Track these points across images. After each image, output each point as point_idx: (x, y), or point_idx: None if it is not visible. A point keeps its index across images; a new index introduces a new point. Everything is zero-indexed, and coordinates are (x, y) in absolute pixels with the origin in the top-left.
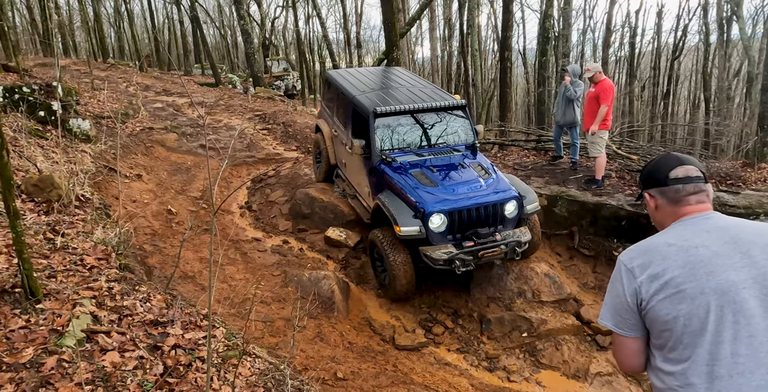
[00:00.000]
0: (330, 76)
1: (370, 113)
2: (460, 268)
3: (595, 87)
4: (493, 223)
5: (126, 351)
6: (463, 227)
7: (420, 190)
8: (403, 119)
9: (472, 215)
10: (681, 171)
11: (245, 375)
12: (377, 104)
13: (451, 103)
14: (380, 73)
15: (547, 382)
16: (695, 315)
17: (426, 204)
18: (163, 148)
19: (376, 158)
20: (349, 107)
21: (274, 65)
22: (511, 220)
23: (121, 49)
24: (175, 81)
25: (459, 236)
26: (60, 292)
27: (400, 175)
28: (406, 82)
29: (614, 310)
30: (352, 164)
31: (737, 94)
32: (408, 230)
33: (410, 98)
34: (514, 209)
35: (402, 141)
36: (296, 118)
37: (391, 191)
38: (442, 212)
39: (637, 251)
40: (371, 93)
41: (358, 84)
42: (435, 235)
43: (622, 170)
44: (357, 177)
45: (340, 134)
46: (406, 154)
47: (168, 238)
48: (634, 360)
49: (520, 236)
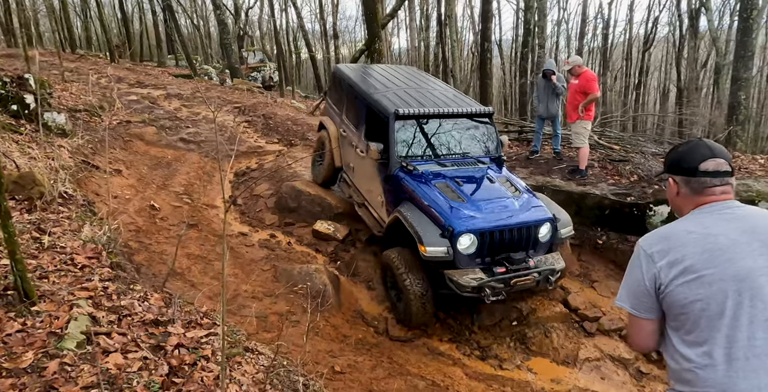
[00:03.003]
0: (340, 72)
1: (391, 114)
2: (490, 297)
3: (579, 79)
4: (525, 247)
5: (129, 352)
6: (493, 251)
7: (447, 205)
8: (425, 124)
9: (504, 237)
10: (712, 165)
11: (251, 373)
12: (398, 104)
13: (478, 110)
14: (394, 72)
15: (538, 369)
16: (713, 300)
17: (455, 222)
18: (142, 142)
19: (395, 164)
20: (363, 106)
21: (250, 56)
22: (543, 244)
23: (88, 39)
24: (149, 72)
25: (488, 260)
26: (54, 293)
27: (424, 186)
28: (424, 84)
29: (632, 293)
30: (362, 169)
31: (704, 84)
32: (434, 250)
33: (432, 102)
34: (548, 233)
35: (423, 148)
36: (276, 110)
37: (413, 204)
38: (472, 232)
39: (656, 237)
40: (389, 92)
41: (373, 82)
42: (462, 257)
43: (604, 160)
44: (368, 184)
45: (350, 134)
46: (426, 162)
47: (153, 234)
48: (648, 341)
49: (554, 264)
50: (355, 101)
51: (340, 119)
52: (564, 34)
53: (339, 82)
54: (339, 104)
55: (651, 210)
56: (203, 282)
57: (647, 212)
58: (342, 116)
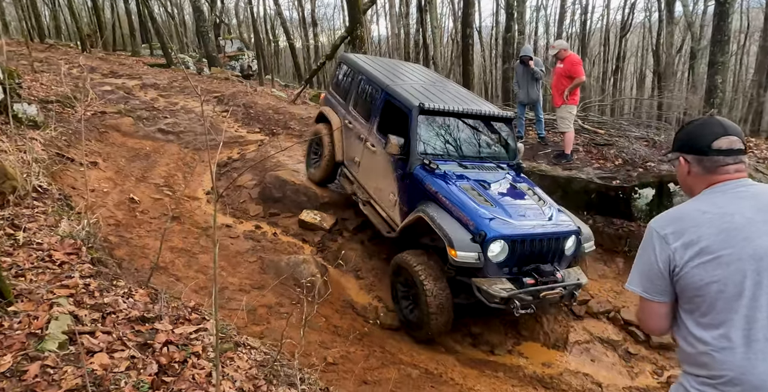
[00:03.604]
0: (349, 60)
1: (414, 107)
2: (519, 310)
3: (564, 63)
4: (551, 259)
5: (115, 352)
6: (523, 261)
7: (478, 209)
8: (447, 121)
9: (534, 246)
10: (725, 142)
11: (244, 368)
12: (420, 98)
13: (500, 113)
14: (405, 66)
15: (529, 353)
16: (731, 281)
17: (487, 227)
18: (119, 133)
19: (416, 161)
20: (378, 96)
21: (228, 45)
22: (567, 257)
23: (57, 29)
24: (123, 62)
25: (515, 270)
26: (32, 292)
27: (451, 187)
28: (438, 81)
29: (644, 276)
30: (370, 165)
31: (679, 69)
32: (465, 256)
33: (452, 99)
34: (573, 246)
35: (444, 147)
36: (257, 99)
37: (438, 205)
38: (503, 239)
39: (669, 218)
40: (406, 85)
41: (387, 73)
42: (491, 265)
43: (589, 144)
44: (377, 181)
45: (358, 127)
46: (447, 162)
47: (133, 228)
48: (660, 323)
49: (580, 278)
50: (368, 92)
51: (346, 109)
52: (543, 21)
53: (347, 71)
54: (345, 93)
55: (636, 193)
56: (188, 276)
57: (632, 195)
58: (348, 107)
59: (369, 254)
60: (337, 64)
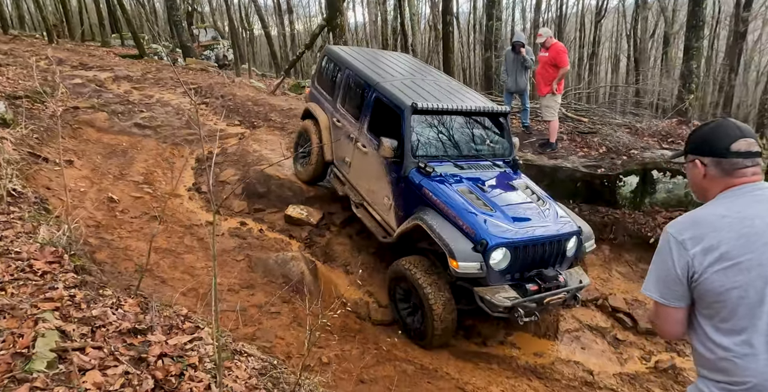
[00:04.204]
0: (335, 54)
1: (407, 107)
2: (523, 318)
3: (549, 51)
4: (553, 262)
5: (108, 368)
6: (525, 266)
7: (477, 215)
8: (441, 120)
9: (536, 251)
10: (744, 145)
11: (243, 378)
12: (411, 96)
13: (496, 109)
14: (393, 58)
15: (521, 343)
16: (752, 287)
17: (489, 235)
18: (93, 129)
19: (411, 165)
20: (368, 94)
21: (201, 34)
22: (568, 259)
23: (21, 18)
24: (93, 53)
25: (517, 276)
26: (15, 307)
27: (448, 192)
28: (428, 74)
29: (661, 282)
30: (363, 166)
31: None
32: (467, 266)
33: (444, 94)
34: (574, 246)
35: (438, 147)
36: (235, 90)
37: (435, 211)
38: (505, 246)
39: (687, 223)
40: (396, 81)
41: (375, 68)
42: (493, 273)
43: (573, 132)
44: (370, 183)
45: (347, 125)
46: (442, 163)
47: (114, 229)
48: (677, 329)
49: (582, 280)
50: (357, 89)
51: (333, 106)
52: (519, 6)
53: (332, 66)
54: (331, 89)
55: (621, 181)
56: (174, 277)
57: (617, 183)
58: (336, 104)
59: (358, 249)
60: (320, 57)
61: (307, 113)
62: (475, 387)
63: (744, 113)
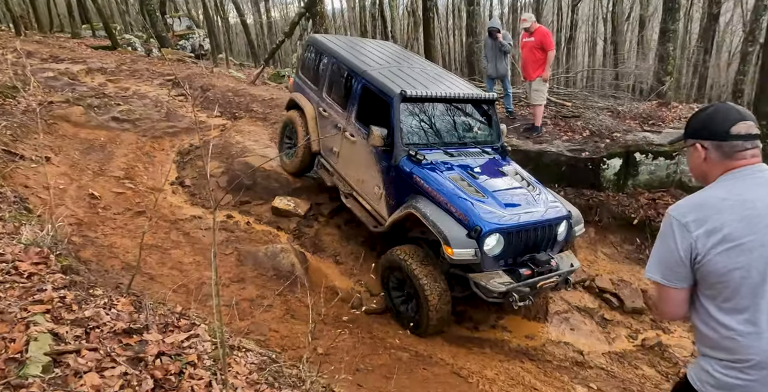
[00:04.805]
0: (319, 43)
1: (396, 95)
2: (518, 302)
3: (534, 36)
4: (545, 246)
5: (105, 370)
6: (518, 251)
7: (470, 202)
8: (429, 108)
9: (529, 236)
10: (743, 127)
11: (243, 374)
12: (399, 84)
13: (484, 96)
14: (377, 46)
15: (512, 327)
16: (754, 267)
17: (482, 221)
18: (69, 124)
19: (401, 153)
20: (355, 83)
21: (176, 23)
22: (559, 243)
23: None
24: (63, 45)
25: (510, 262)
26: (3, 311)
27: (440, 179)
28: (414, 61)
29: (663, 264)
30: (351, 156)
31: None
32: (462, 253)
33: (431, 81)
34: (564, 231)
35: (428, 135)
36: (214, 81)
37: (428, 199)
38: (499, 232)
39: (689, 206)
40: (383, 69)
41: (361, 56)
42: (487, 259)
43: (556, 116)
44: (359, 172)
45: (334, 115)
46: (432, 151)
47: (98, 226)
48: (679, 310)
49: (573, 263)
50: (343, 78)
51: (319, 96)
52: None
53: (317, 55)
54: (316, 79)
55: (604, 164)
56: (162, 274)
57: (601, 166)
58: (322, 94)
59: (347, 238)
60: (304, 46)
61: (291, 104)
62: (469, 371)
63: (717, 93)
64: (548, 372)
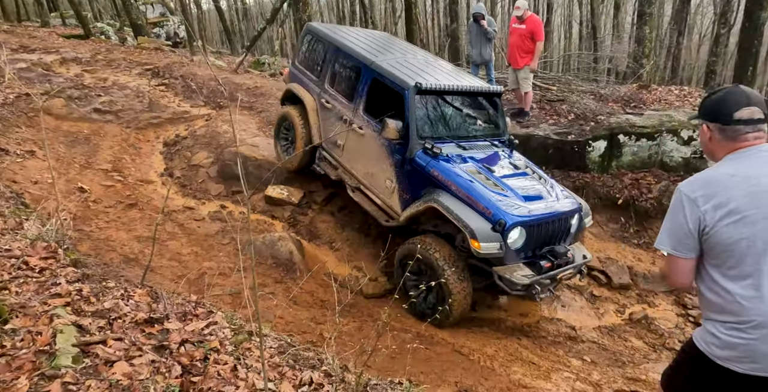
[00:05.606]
0: (320, 32)
1: (411, 87)
2: (540, 295)
3: (525, 23)
4: (560, 239)
5: (133, 358)
6: (537, 244)
7: (493, 195)
8: (441, 100)
9: (547, 229)
10: (746, 113)
11: (265, 358)
12: (410, 75)
13: (493, 89)
14: (374, 36)
15: (507, 306)
16: (759, 238)
17: (506, 215)
18: (51, 117)
19: (416, 146)
20: (363, 74)
21: (149, 10)
22: (572, 235)
23: None
24: (33, 34)
25: (530, 254)
26: (25, 306)
27: (460, 172)
28: (416, 53)
29: (674, 236)
30: (358, 149)
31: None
32: (489, 246)
33: (440, 73)
34: (577, 222)
35: (440, 127)
36: (195, 70)
37: (449, 193)
38: (521, 225)
39: (698, 182)
40: (391, 60)
41: (366, 46)
42: (510, 252)
43: (542, 100)
44: (369, 166)
45: (338, 107)
46: (445, 144)
47: (91, 220)
48: (686, 278)
49: (585, 255)
50: (348, 68)
51: (320, 87)
52: None
53: (317, 45)
54: (317, 70)
55: (590, 146)
56: (162, 265)
57: (586, 149)
58: (324, 85)
59: (341, 225)
60: (302, 35)
61: (288, 97)
62: (470, 349)
63: (688, 74)
64: (544, 347)
